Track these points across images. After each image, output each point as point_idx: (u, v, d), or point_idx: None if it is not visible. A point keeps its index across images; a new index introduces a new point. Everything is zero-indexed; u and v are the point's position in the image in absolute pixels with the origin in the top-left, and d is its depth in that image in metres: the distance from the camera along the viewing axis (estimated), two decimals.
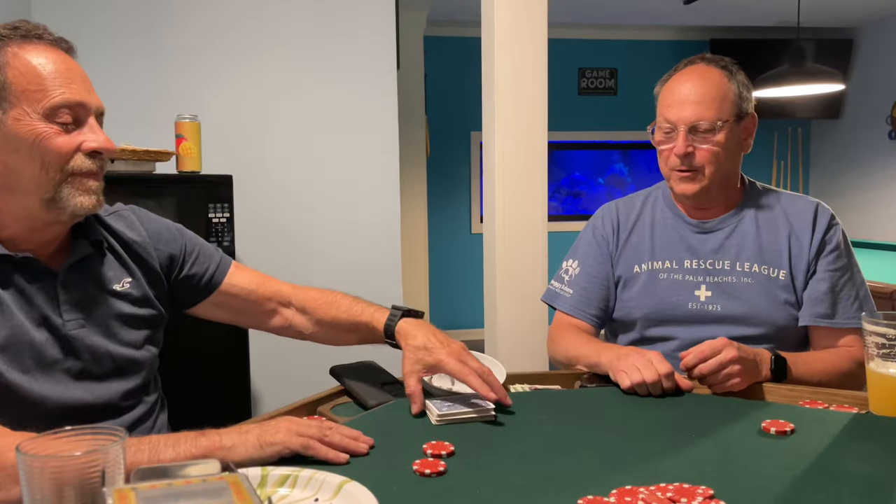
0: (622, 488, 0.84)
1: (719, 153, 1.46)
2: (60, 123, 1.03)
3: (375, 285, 3.01)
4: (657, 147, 1.53)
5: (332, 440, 0.96)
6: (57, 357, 1.08)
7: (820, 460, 0.94)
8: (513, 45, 2.39)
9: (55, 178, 1.04)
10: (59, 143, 1.03)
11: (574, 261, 1.65)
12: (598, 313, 1.61)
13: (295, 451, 0.94)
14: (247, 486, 0.62)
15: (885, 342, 1.10)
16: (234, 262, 1.35)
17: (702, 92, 1.45)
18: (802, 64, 3.97)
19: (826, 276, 1.47)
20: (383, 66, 2.97)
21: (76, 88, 1.05)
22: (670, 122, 1.47)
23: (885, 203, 5.58)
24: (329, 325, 1.33)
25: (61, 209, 1.06)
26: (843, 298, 1.46)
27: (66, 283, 1.10)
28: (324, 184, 2.96)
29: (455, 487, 0.87)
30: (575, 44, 5.94)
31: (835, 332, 1.46)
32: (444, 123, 5.76)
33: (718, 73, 1.48)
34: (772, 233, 1.50)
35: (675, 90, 1.48)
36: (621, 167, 6.30)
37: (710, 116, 1.44)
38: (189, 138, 2.46)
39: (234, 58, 2.86)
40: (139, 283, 1.21)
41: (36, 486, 0.66)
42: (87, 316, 1.12)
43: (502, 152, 2.41)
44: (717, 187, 1.49)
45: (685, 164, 1.47)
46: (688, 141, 1.45)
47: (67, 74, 1.05)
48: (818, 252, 1.48)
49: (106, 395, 1.12)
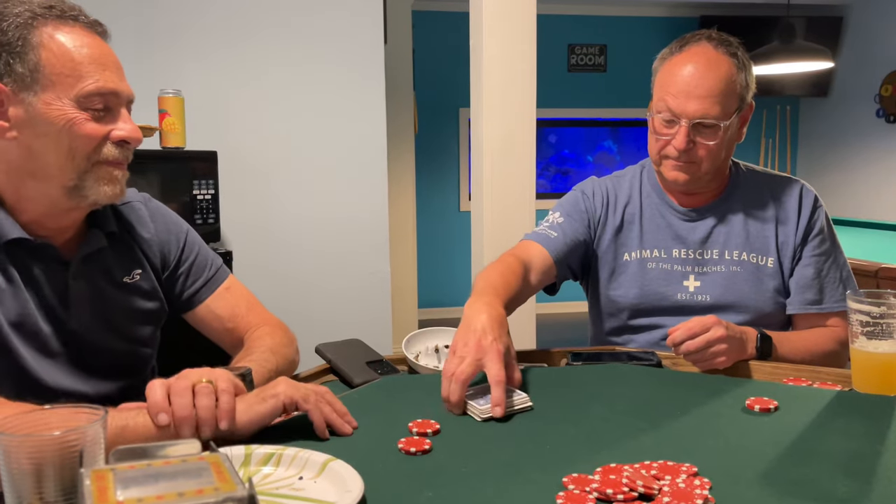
0: (607, 466, 0.84)
1: (719, 149, 1.41)
2: (92, 110, 1.00)
3: (363, 263, 3.00)
4: (653, 133, 1.45)
5: (324, 407, 0.96)
6: (59, 349, 1.07)
7: (803, 437, 0.95)
8: (501, 21, 2.36)
9: (81, 166, 1.01)
10: (89, 129, 1.00)
11: (558, 213, 1.58)
12: (565, 256, 1.51)
13: (295, 401, 0.94)
14: (227, 465, 0.61)
15: (869, 320, 1.10)
16: (225, 284, 1.28)
17: (710, 85, 1.36)
18: (792, 41, 3.96)
19: (811, 261, 1.46)
20: (370, 41, 2.93)
21: (110, 76, 1.02)
22: (673, 112, 1.39)
23: (873, 181, 5.61)
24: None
25: (83, 197, 1.04)
26: (829, 283, 1.46)
27: (76, 274, 1.09)
28: (310, 160, 2.93)
29: (440, 466, 0.87)
30: (564, 20, 5.89)
31: (822, 316, 1.46)
32: (432, 100, 5.71)
33: (728, 62, 1.38)
34: (759, 219, 1.48)
35: (678, 75, 1.39)
36: (610, 145, 6.29)
37: (717, 113, 1.37)
38: (172, 113, 2.42)
39: (219, 32, 2.81)
40: (148, 276, 1.19)
41: (14, 465, 0.65)
42: (93, 311, 1.11)
43: (490, 129, 2.39)
44: (710, 176, 1.46)
45: (683, 159, 1.41)
46: (689, 136, 1.38)
47: (102, 61, 1.02)
48: (804, 238, 1.47)
49: (105, 391, 1.11)
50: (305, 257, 2.97)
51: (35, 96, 0.98)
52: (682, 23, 5.91)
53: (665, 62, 1.44)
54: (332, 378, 1.28)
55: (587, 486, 0.79)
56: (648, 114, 1.47)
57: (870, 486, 0.80)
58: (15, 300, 1.03)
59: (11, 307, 1.02)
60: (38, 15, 0.99)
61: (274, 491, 0.81)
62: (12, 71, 0.97)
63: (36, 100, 0.98)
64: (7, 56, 0.97)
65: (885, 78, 5.43)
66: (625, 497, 0.77)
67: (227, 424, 0.89)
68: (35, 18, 0.99)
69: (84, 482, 0.58)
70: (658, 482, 0.80)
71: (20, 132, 0.99)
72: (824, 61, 3.99)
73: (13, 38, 0.97)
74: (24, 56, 0.97)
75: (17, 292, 1.03)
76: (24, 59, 0.97)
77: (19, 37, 0.97)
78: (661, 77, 1.44)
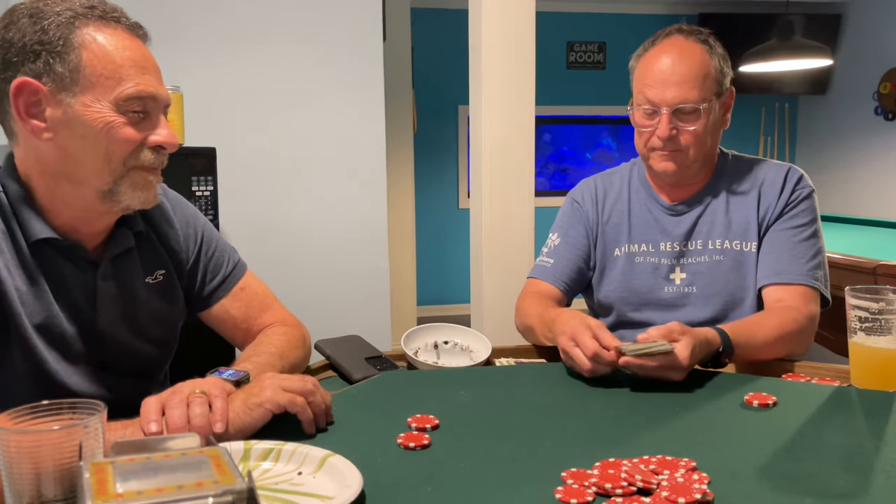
0: (605, 461, 0.84)
1: (703, 133, 1.42)
2: (130, 113, 0.99)
3: (362, 259, 3.00)
4: (637, 127, 1.48)
5: (314, 399, 0.96)
6: (83, 352, 1.06)
7: (802, 432, 0.95)
8: (500, 18, 2.36)
9: (117, 171, 1.00)
10: (127, 133, 0.98)
11: (555, 234, 1.63)
12: (569, 280, 1.56)
13: (282, 407, 0.93)
14: (227, 459, 0.61)
15: (867, 316, 1.11)
16: (240, 283, 1.27)
17: (684, 71, 1.40)
18: (791, 38, 3.96)
19: (784, 233, 1.43)
20: (369, 38, 2.92)
21: (149, 80, 1.00)
22: (652, 102, 1.42)
23: (871, 179, 5.61)
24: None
25: (116, 202, 1.02)
26: (798, 256, 1.42)
27: (105, 274, 1.08)
28: (309, 157, 2.93)
29: (439, 461, 0.87)
30: (563, 17, 5.88)
31: (786, 288, 1.40)
32: (431, 97, 5.70)
33: (699, 48, 1.42)
34: (742, 206, 1.48)
35: (654, 67, 1.43)
36: (609, 142, 6.28)
37: (695, 97, 1.40)
38: (171, 110, 2.41)
39: (218, 29, 2.81)
40: (171, 276, 1.18)
41: (14, 462, 0.65)
42: (121, 311, 1.10)
43: (489, 127, 2.39)
44: (698, 165, 1.47)
45: (668, 147, 1.43)
46: (671, 123, 1.41)
47: (142, 64, 1.00)
48: (782, 209, 1.46)
49: (124, 392, 1.10)
50: (304, 254, 2.97)
51: (74, 97, 0.96)
52: (680, 20, 5.90)
53: (640, 59, 1.48)
54: (331, 374, 1.28)
55: (586, 480, 0.79)
56: (629, 109, 1.51)
57: (868, 481, 0.81)
58: (39, 302, 1.01)
59: (35, 310, 1.01)
60: (79, 15, 0.97)
61: (273, 486, 0.81)
62: (52, 70, 0.95)
63: (74, 101, 0.96)
64: (47, 55, 0.95)
65: (884, 76, 5.43)
66: (623, 491, 0.77)
67: (222, 427, 0.89)
68: (77, 18, 0.96)
69: (83, 475, 0.58)
70: (657, 477, 0.80)
71: (57, 133, 0.97)
72: (823, 59, 3.99)
73: (54, 38, 0.95)
74: (65, 56, 0.95)
75: (42, 294, 1.02)
76: (64, 59, 0.95)
77: (60, 36, 0.95)
78: (638, 72, 1.48)
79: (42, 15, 0.96)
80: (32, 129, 0.97)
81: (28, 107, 0.96)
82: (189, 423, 0.88)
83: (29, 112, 0.97)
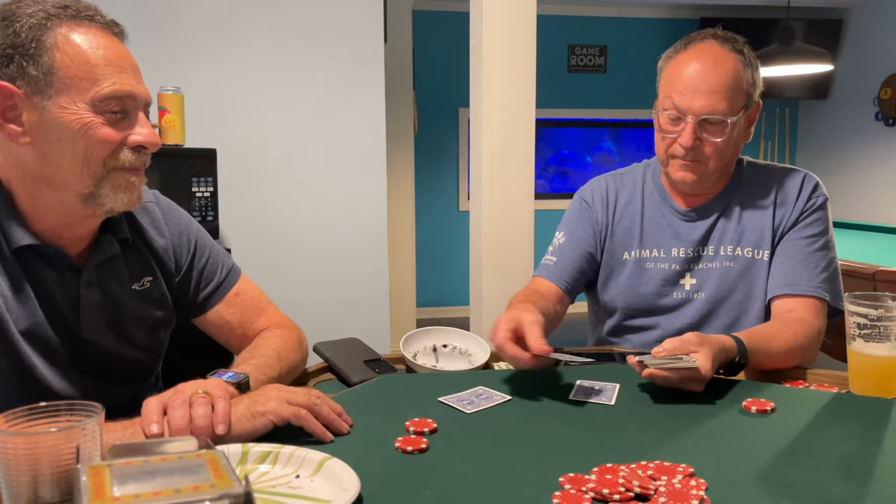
0: (603, 466, 0.84)
1: (726, 147, 1.39)
2: (108, 113, 0.97)
3: (362, 262, 3.00)
4: (659, 131, 1.44)
5: (320, 411, 0.95)
6: (69, 358, 1.06)
7: (800, 439, 0.95)
8: (501, 21, 2.36)
9: (97, 173, 0.98)
10: (105, 134, 0.96)
11: (561, 232, 1.60)
12: (571, 279, 1.54)
13: (286, 420, 0.93)
14: (224, 463, 0.61)
15: (866, 323, 1.10)
16: (235, 289, 1.26)
17: (716, 80, 1.35)
18: (792, 43, 3.96)
19: (797, 242, 1.43)
20: (370, 40, 2.93)
21: (126, 78, 0.98)
22: (679, 109, 1.37)
23: (871, 184, 5.61)
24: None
25: (99, 205, 1.00)
26: (810, 267, 1.40)
27: (89, 282, 1.07)
28: (309, 159, 2.93)
29: (437, 465, 0.87)
30: (564, 20, 5.89)
31: (796, 300, 1.39)
32: (431, 99, 5.71)
33: (734, 58, 1.37)
34: (757, 210, 1.47)
35: (684, 72, 1.37)
36: (610, 146, 6.28)
37: (723, 109, 1.35)
38: (172, 111, 2.42)
39: (219, 30, 2.81)
40: (158, 283, 1.17)
41: (11, 464, 0.65)
42: (105, 318, 1.09)
43: (490, 129, 2.39)
44: (717, 176, 1.45)
45: (689, 157, 1.39)
46: (696, 133, 1.36)
47: (119, 62, 0.98)
48: (797, 218, 1.45)
49: (113, 399, 1.10)
50: (304, 255, 2.97)
51: (49, 100, 0.94)
52: (682, 24, 5.91)
53: (670, 60, 1.43)
54: (329, 377, 1.28)
55: (583, 485, 0.79)
56: (654, 113, 1.46)
57: (866, 489, 0.81)
58: (24, 308, 1.01)
59: (21, 316, 1.01)
60: (52, 16, 0.95)
61: (271, 489, 0.81)
62: (26, 74, 0.93)
63: (50, 104, 0.94)
64: (20, 59, 0.93)
65: (884, 81, 5.43)
66: (621, 497, 0.77)
67: (224, 429, 0.89)
68: (49, 19, 0.94)
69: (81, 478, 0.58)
70: (654, 482, 0.80)
71: (34, 138, 0.96)
72: (824, 64, 3.99)
73: (26, 40, 0.93)
74: (38, 58, 0.93)
75: (27, 301, 1.01)
76: (37, 61, 0.93)
77: (32, 38, 0.93)
78: (666, 75, 1.42)
79: (14, 17, 0.94)
80: (10, 133, 0.96)
81: (4, 111, 0.95)
82: (192, 422, 0.88)
83: (6, 117, 0.95)
